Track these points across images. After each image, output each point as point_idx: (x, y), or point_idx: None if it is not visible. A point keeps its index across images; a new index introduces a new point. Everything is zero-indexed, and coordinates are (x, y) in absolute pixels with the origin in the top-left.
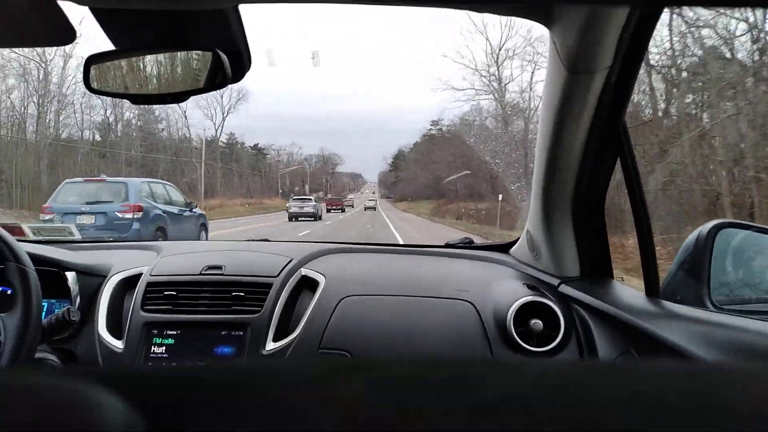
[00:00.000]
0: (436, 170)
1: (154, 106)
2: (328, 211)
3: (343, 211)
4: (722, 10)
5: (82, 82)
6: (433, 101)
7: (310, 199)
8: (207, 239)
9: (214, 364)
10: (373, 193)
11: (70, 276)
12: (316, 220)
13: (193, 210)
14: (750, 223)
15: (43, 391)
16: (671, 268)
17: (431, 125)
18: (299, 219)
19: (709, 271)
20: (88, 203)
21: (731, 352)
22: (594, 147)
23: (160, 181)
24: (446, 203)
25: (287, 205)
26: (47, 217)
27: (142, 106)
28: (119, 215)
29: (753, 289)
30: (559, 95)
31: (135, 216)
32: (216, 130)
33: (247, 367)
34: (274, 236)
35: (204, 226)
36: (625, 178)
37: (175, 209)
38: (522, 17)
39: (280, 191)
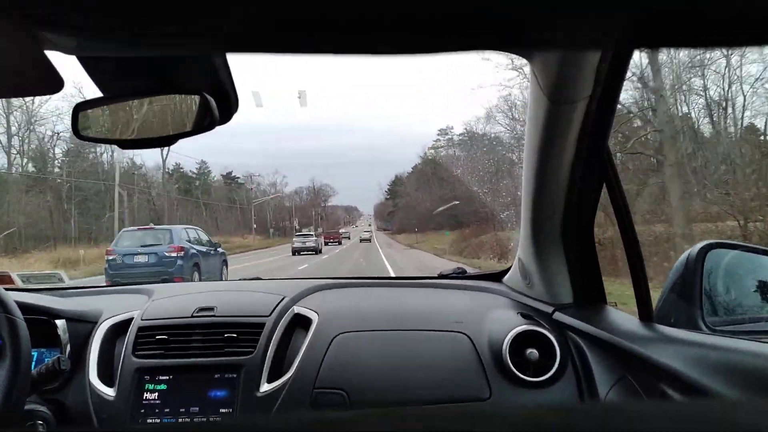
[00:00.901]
0: (449, 191)
1: None
2: (326, 244)
3: (339, 243)
4: (691, 51)
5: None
6: (430, 129)
7: (312, 235)
8: (227, 272)
9: (201, 425)
10: (369, 225)
11: (60, 324)
12: (316, 253)
13: (217, 249)
14: (738, 243)
15: None
16: (663, 290)
17: (438, 135)
18: (301, 253)
19: (701, 293)
20: (142, 246)
21: (726, 374)
22: (579, 174)
23: (193, 227)
24: (474, 233)
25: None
26: (111, 257)
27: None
28: (167, 254)
29: (745, 308)
30: (543, 125)
31: (178, 255)
32: (162, 151)
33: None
34: None
35: (225, 262)
36: (611, 202)
37: (204, 248)
38: (503, 51)
39: (254, 226)
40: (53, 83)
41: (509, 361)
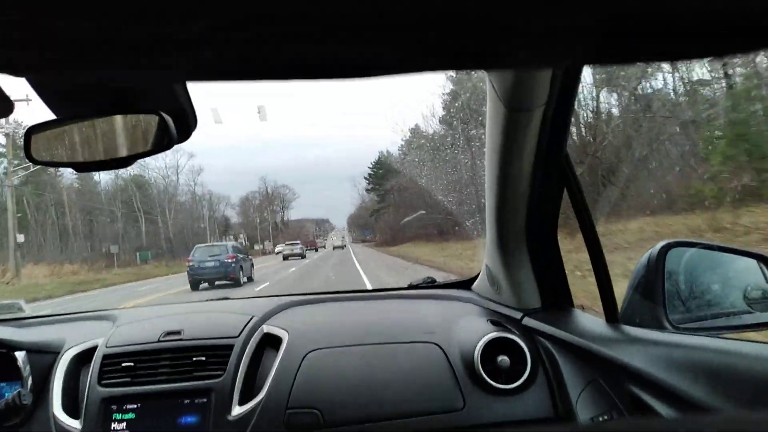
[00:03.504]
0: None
1: None
2: (306, 250)
3: (316, 250)
4: (641, 66)
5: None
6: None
7: (298, 244)
8: (254, 270)
9: None
10: (343, 238)
11: (20, 356)
12: (302, 258)
13: (248, 256)
14: (696, 241)
15: None
16: (627, 291)
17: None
18: (289, 259)
19: (664, 292)
20: (210, 256)
21: (690, 371)
22: (540, 179)
23: (234, 242)
24: None
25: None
26: (190, 263)
27: None
28: (226, 261)
29: (706, 305)
30: (501, 132)
31: (232, 261)
32: None
33: None
34: None
35: (252, 264)
36: (573, 206)
37: (242, 256)
38: (460, 70)
39: (17, 240)
40: (2, 106)
41: (481, 370)
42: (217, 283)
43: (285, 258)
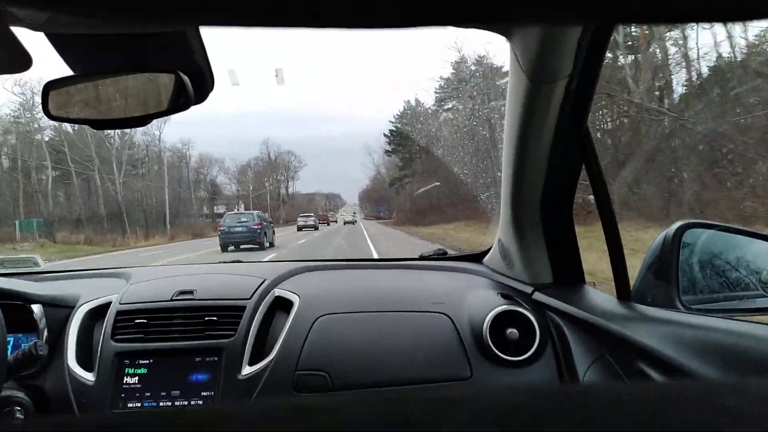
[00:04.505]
0: None
1: None
2: (320, 223)
3: (328, 224)
4: (676, 27)
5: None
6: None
7: (312, 216)
8: (275, 236)
9: (181, 411)
10: (354, 213)
11: (36, 308)
12: (315, 229)
13: (270, 224)
14: (714, 222)
15: None
16: (640, 270)
17: None
18: (303, 229)
19: (677, 272)
20: (239, 222)
21: (701, 352)
22: (559, 153)
23: (259, 211)
24: None
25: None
26: (221, 228)
27: None
28: (253, 227)
29: (719, 287)
30: (522, 104)
31: (258, 227)
32: None
33: (212, 414)
34: None
35: (273, 230)
36: (590, 182)
37: (266, 223)
38: (482, 29)
39: None
40: (21, 60)
41: (489, 341)
42: (242, 246)
43: (299, 229)
